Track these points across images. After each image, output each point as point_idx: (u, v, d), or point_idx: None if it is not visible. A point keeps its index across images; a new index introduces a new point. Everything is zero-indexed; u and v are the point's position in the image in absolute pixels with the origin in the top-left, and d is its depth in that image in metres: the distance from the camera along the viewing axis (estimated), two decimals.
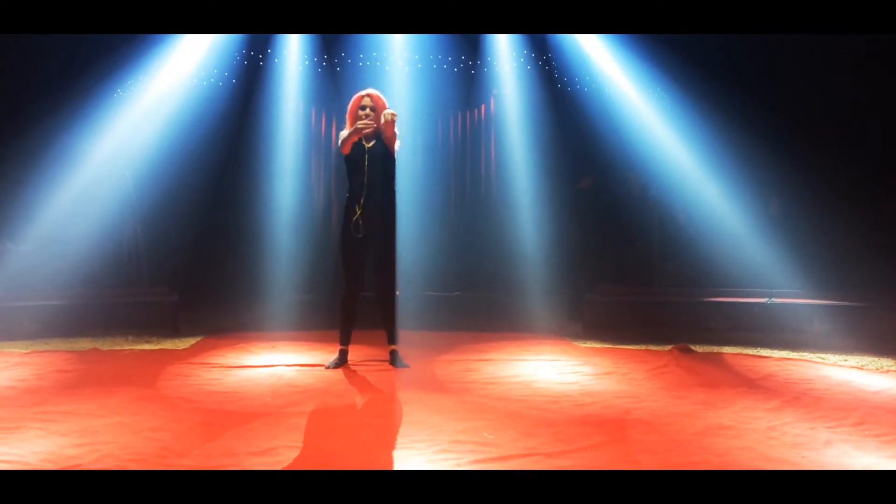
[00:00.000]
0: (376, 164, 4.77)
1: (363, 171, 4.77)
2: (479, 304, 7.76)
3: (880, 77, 6.69)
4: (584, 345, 5.93)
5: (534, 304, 7.13)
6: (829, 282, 6.52)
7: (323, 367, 4.86)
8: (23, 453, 2.92)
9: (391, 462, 2.90)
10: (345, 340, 4.98)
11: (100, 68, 6.80)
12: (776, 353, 5.53)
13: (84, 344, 5.80)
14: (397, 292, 5.03)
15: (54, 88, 6.78)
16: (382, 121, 4.68)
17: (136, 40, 6.87)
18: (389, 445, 3.12)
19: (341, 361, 4.92)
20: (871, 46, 6.41)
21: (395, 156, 4.88)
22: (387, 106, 4.82)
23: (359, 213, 4.76)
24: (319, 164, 8.35)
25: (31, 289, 6.51)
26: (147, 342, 5.96)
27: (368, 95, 4.81)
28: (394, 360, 4.95)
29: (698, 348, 5.61)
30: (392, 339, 5.00)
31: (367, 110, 4.75)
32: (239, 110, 7.62)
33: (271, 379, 4.53)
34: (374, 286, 4.96)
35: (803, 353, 5.52)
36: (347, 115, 4.87)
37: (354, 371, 4.82)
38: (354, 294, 4.91)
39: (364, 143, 4.79)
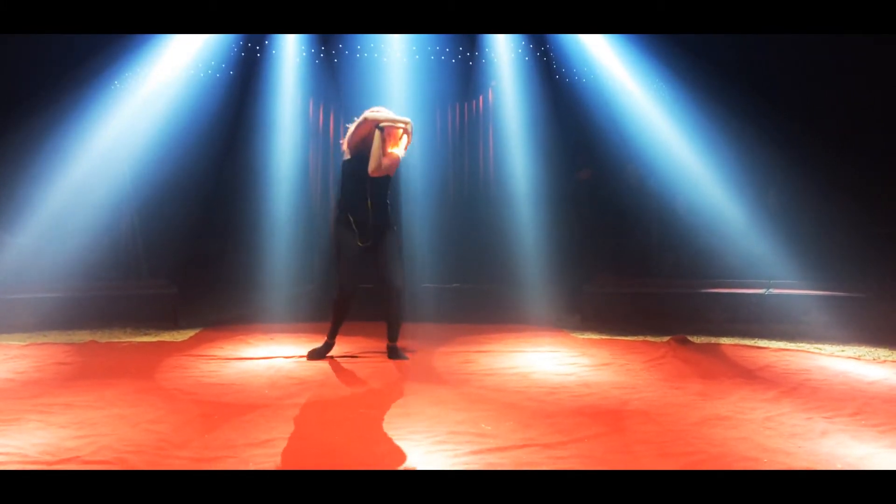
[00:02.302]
0: (379, 179, 4.75)
1: (365, 180, 4.73)
2: (478, 295, 7.77)
3: (881, 69, 6.68)
4: (582, 336, 5.93)
5: (532, 296, 7.13)
6: (827, 273, 6.52)
7: (306, 357, 4.91)
8: (22, 445, 2.92)
9: (389, 453, 2.90)
10: (333, 335, 5.00)
11: (97, 60, 6.77)
12: (774, 344, 5.54)
13: (82, 336, 5.81)
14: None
15: (51, 81, 6.76)
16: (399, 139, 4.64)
17: None
18: (387, 436, 3.12)
19: (324, 352, 4.94)
20: (873, 39, 6.39)
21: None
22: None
23: (354, 220, 4.75)
24: (317, 156, 8.34)
25: (29, 281, 6.51)
26: (145, 334, 5.96)
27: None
28: (392, 352, 4.96)
29: (696, 339, 5.63)
30: (393, 337, 4.99)
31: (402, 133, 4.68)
32: (236, 103, 7.59)
33: (269, 371, 4.54)
34: (382, 284, 4.91)
35: (801, 344, 5.54)
36: (358, 129, 4.74)
37: (352, 363, 4.83)
38: (351, 296, 4.90)
39: (367, 154, 4.74)
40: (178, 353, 5.10)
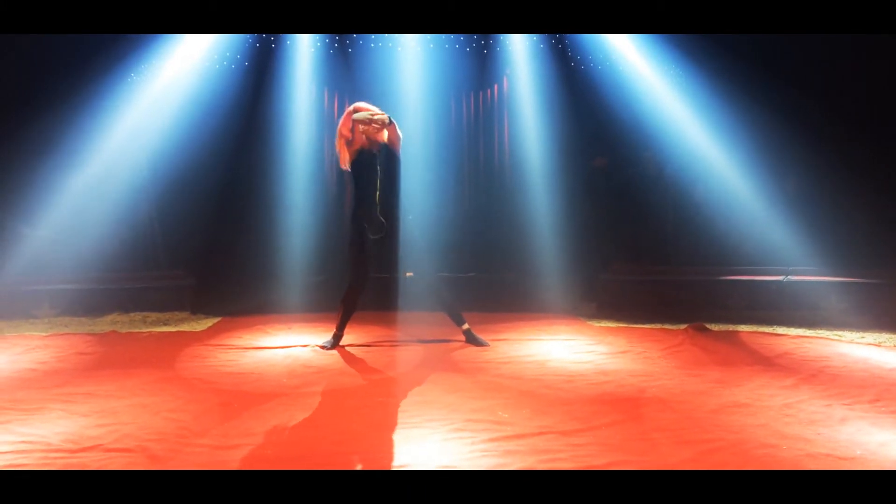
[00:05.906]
0: (385, 168, 4.79)
1: (375, 176, 4.78)
2: (494, 284, 7.76)
3: None
4: (599, 324, 5.92)
5: (548, 284, 7.12)
6: (846, 259, 6.46)
7: (319, 347, 4.95)
8: (45, 434, 2.97)
9: (407, 440, 2.92)
10: (342, 327, 5.04)
11: (113, 53, 6.82)
12: (792, 331, 5.50)
13: (103, 327, 5.87)
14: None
15: (69, 74, 6.80)
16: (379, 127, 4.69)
17: None
18: (405, 424, 3.14)
19: (335, 344, 4.99)
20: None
21: (399, 154, 4.89)
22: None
23: (366, 214, 4.80)
24: (332, 145, 8.34)
25: (49, 273, 6.58)
26: (165, 325, 6.02)
27: (357, 110, 4.76)
28: (471, 338, 5.07)
29: (714, 327, 5.60)
30: (460, 322, 5.14)
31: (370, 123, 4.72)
32: (251, 93, 7.61)
33: (287, 360, 4.57)
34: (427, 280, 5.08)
35: (820, 331, 5.49)
36: (341, 129, 4.79)
37: (368, 351, 4.86)
38: (361, 289, 4.95)
39: (372, 149, 4.79)
40: (196, 343, 5.15)
